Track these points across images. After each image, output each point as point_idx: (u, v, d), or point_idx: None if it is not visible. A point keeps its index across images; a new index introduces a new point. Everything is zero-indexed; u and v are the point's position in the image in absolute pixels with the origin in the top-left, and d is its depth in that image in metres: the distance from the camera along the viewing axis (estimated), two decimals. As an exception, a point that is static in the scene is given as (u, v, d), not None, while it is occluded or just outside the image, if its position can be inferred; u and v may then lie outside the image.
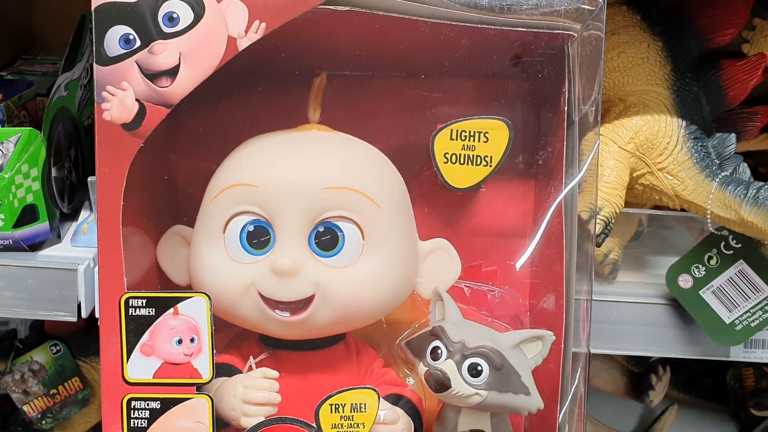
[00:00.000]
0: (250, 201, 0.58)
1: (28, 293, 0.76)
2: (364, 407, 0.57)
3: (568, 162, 0.63)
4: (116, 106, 0.56)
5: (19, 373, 0.93)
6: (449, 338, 0.58)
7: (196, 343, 0.57)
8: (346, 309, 0.59)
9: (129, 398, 0.56)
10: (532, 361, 0.60)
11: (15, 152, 0.72)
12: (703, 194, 0.70)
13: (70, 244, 0.79)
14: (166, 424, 0.56)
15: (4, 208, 0.73)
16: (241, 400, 0.57)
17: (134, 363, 0.56)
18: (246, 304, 0.58)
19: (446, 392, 0.57)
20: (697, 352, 0.77)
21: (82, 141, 0.86)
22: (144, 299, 0.56)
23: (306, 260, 0.58)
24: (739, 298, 0.72)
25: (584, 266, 0.65)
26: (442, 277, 0.63)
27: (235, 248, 0.59)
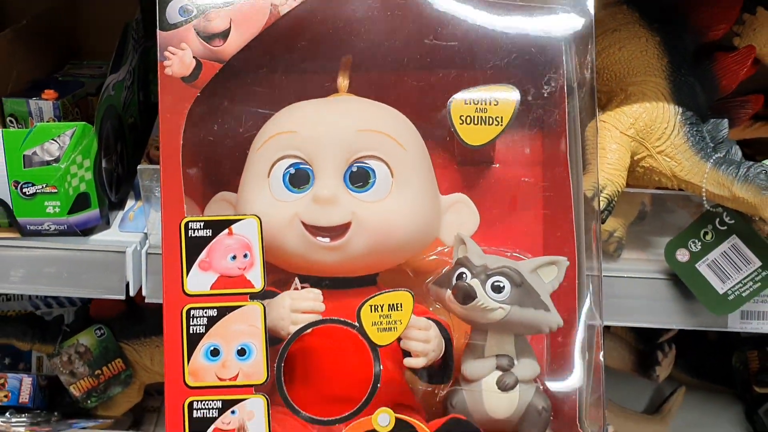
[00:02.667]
0: (291, 146, 0.67)
1: (80, 273, 0.83)
2: (400, 306, 0.63)
3: (571, 131, 0.70)
4: (176, 62, 0.66)
5: (66, 355, 1.00)
6: (473, 263, 0.65)
7: (249, 258, 0.63)
8: (380, 236, 0.66)
9: (188, 308, 0.63)
10: (549, 286, 0.66)
11: (70, 145, 0.80)
12: (699, 174, 0.76)
13: (118, 229, 0.86)
14: (222, 329, 0.63)
15: (60, 195, 0.80)
16: (289, 309, 0.64)
17: (193, 277, 0.63)
18: (290, 234, 0.66)
19: (472, 303, 0.63)
20: (696, 323, 0.83)
21: (126, 137, 0.93)
22: (202, 222, 0.64)
23: (343, 193, 0.66)
24: (732, 270, 0.78)
25: (591, 243, 0.72)
26: (462, 227, 0.70)
27: (279, 189, 0.67)
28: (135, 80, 0.96)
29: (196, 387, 0.62)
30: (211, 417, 0.62)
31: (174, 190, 0.64)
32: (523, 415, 0.65)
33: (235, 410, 0.62)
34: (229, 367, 0.62)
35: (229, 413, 0.62)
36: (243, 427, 0.62)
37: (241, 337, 0.62)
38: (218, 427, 0.62)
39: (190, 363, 0.62)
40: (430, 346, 0.65)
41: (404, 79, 0.74)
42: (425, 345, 0.65)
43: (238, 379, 0.62)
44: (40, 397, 1.03)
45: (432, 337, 0.65)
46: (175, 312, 0.63)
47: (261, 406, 0.62)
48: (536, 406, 0.65)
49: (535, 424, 0.65)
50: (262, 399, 0.62)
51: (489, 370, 0.66)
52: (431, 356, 0.65)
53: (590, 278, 0.71)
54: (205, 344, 0.62)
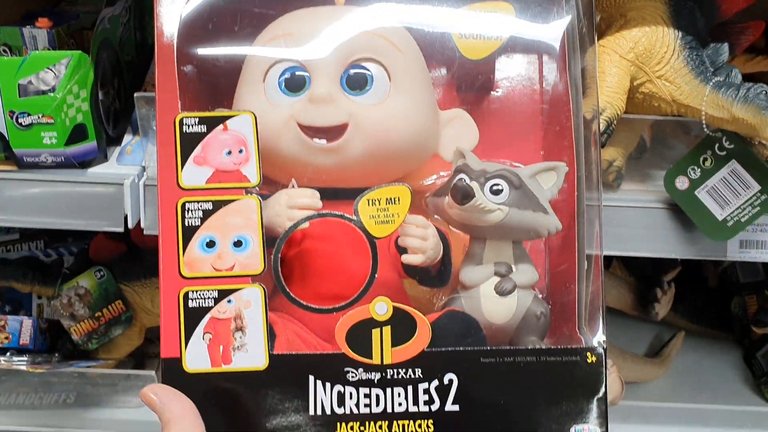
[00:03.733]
0: (287, 50, 0.66)
1: (78, 206, 0.83)
2: (398, 200, 0.63)
3: (570, 57, 0.69)
4: None
5: (66, 298, 1.00)
6: (471, 168, 0.65)
7: (244, 154, 0.63)
8: (378, 139, 0.66)
9: (183, 201, 0.62)
10: (548, 192, 0.66)
11: (66, 74, 0.79)
12: (698, 97, 0.76)
13: (116, 162, 0.86)
14: (218, 221, 0.62)
15: (56, 126, 0.79)
16: (286, 205, 0.64)
17: (188, 172, 0.62)
18: (286, 136, 0.65)
19: (471, 203, 0.63)
20: (695, 253, 0.83)
21: (123, 74, 0.93)
22: (196, 118, 0.63)
23: (340, 94, 0.66)
24: (731, 195, 0.78)
25: (591, 173, 0.71)
26: (461, 142, 0.70)
27: (275, 93, 0.66)
28: (131, 18, 0.95)
29: (192, 277, 0.61)
30: (207, 306, 0.61)
31: (168, 86, 0.64)
32: (521, 321, 0.65)
33: (231, 299, 0.61)
34: (225, 258, 0.62)
35: (225, 302, 0.61)
36: (239, 316, 0.61)
37: (237, 230, 0.62)
38: (214, 316, 0.61)
39: (186, 254, 0.62)
40: (428, 243, 0.65)
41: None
42: (423, 242, 0.65)
43: (235, 269, 0.62)
44: (41, 339, 1.03)
45: (430, 235, 0.65)
46: (170, 206, 0.62)
47: (258, 295, 0.61)
48: (534, 312, 0.65)
49: (534, 330, 0.65)
50: (259, 288, 0.61)
51: (487, 276, 0.66)
52: (429, 254, 0.65)
53: (590, 208, 0.71)
54: (200, 236, 0.62)
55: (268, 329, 0.61)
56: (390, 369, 0.61)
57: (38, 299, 1.11)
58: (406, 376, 0.61)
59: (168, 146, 0.63)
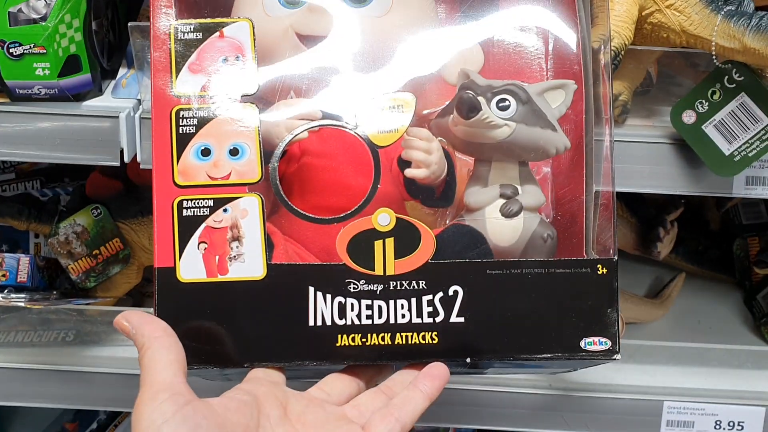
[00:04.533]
0: None
1: (73, 140, 0.81)
2: (402, 108, 0.62)
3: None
4: None
5: (63, 235, 0.99)
6: (477, 84, 0.63)
7: (241, 61, 0.62)
8: (378, 52, 0.64)
9: (177, 109, 0.61)
10: (557, 111, 0.64)
11: (58, 2, 0.77)
12: (709, 27, 0.74)
13: (111, 95, 0.84)
14: (213, 129, 0.60)
15: (48, 57, 0.77)
16: (285, 116, 0.63)
17: (183, 80, 0.61)
18: (284, 46, 0.64)
19: (477, 116, 0.61)
20: (701, 189, 0.82)
21: (118, 5, 0.90)
22: (192, 25, 0.62)
23: (341, 4, 0.64)
24: (739, 129, 0.77)
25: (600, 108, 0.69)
26: (467, 65, 0.68)
27: (273, 6, 0.65)
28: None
29: (186, 186, 0.60)
30: (202, 215, 0.60)
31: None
32: (527, 243, 0.64)
33: (227, 208, 0.60)
34: (220, 167, 0.60)
35: (221, 211, 0.60)
36: (236, 225, 0.59)
37: (233, 137, 0.60)
38: (209, 225, 0.59)
39: (180, 163, 0.60)
40: (432, 157, 0.63)
41: None
42: (427, 155, 0.63)
43: (231, 178, 0.60)
44: (38, 277, 1.03)
45: (434, 149, 0.63)
46: (163, 114, 0.60)
47: (255, 205, 0.60)
48: (541, 234, 0.64)
49: (540, 252, 0.63)
50: (256, 198, 0.60)
51: (493, 198, 0.64)
52: (433, 169, 0.63)
53: (600, 144, 0.69)
54: (195, 144, 0.60)
55: (266, 239, 0.60)
56: (393, 280, 0.60)
57: (35, 238, 1.11)
58: (409, 288, 0.60)
59: (162, 52, 0.61)
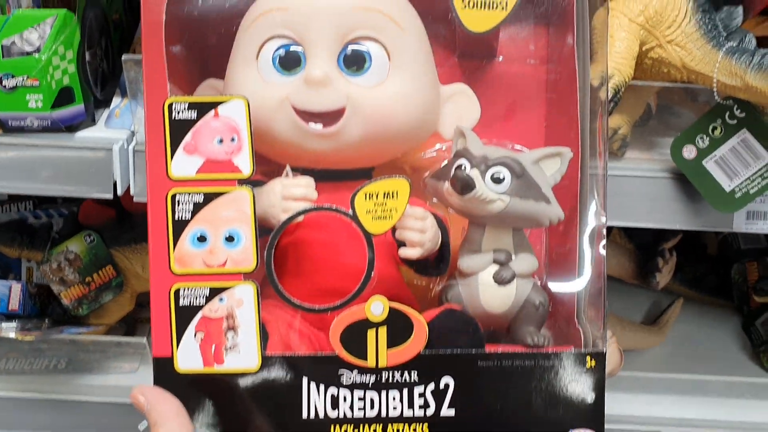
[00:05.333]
0: (281, 25, 0.63)
1: (66, 172, 0.80)
2: (396, 194, 0.61)
3: (578, 22, 0.66)
4: None
5: (56, 262, 0.98)
6: (472, 154, 0.63)
7: (236, 142, 0.60)
8: (376, 122, 0.62)
9: (173, 193, 0.60)
10: (551, 178, 0.63)
11: (51, 34, 0.76)
12: (710, 63, 0.73)
13: (104, 126, 0.83)
14: (209, 215, 0.60)
15: (42, 88, 0.76)
16: (280, 196, 0.62)
17: (178, 161, 0.60)
18: (280, 120, 0.62)
19: (471, 194, 0.61)
20: (701, 224, 0.81)
21: (111, 33, 0.89)
22: (186, 103, 0.60)
23: (337, 76, 0.62)
24: (740, 166, 0.76)
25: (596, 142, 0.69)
26: (462, 119, 0.67)
27: (268, 71, 0.63)
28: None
29: (183, 274, 0.60)
30: (198, 305, 0.59)
31: (157, 69, 0.60)
32: (519, 310, 0.64)
33: (223, 297, 0.60)
34: (216, 254, 0.60)
35: (217, 300, 0.60)
36: (231, 315, 0.59)
37: (229, 223, 0.60)
38: (206, 315, 0.60)
39: (176, 249, 0.59)
40: (427, 236, 0.62)
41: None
42: (421, 235, 0.62)
43: (227, 265, 0.60)
44: (30, 304, 1.01)
45: (428, 227, 0.63)
46: (159, 197, 0.60)
47: (250, 294, 0.60)
48: (533, 301, 0.63)
49: (532, 319, 0.63)
50: (251, 286, 0.60)
51: (486, 263, 0.64)
52: (427, 246, 0.63)
53: (594, 177, 0.69)
54: (191, 230, 0.60)
55: (261, 329, 0.60)
56: (385, 372, 0.60)
57: (28, 262, 1.09)
58: (401, 380, 0.60)
59: (157, 133, 0.60)
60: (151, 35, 0.61)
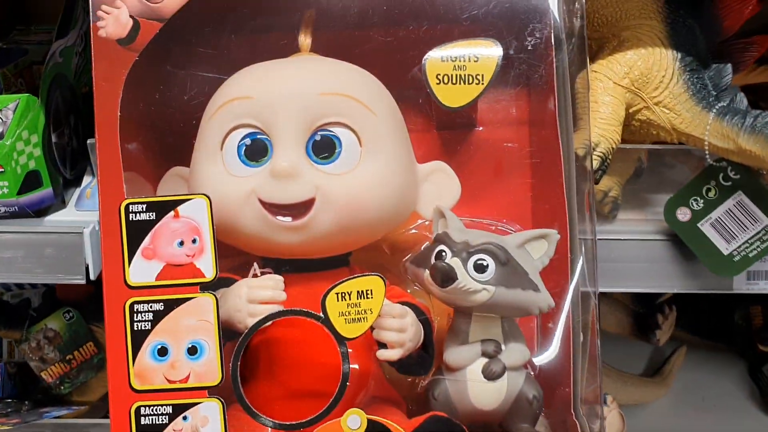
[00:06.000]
0: (246, 114, 0.60)
1: (35, 258, 0.77)
2: (371, 293, 0.57)
3: (560, 88, 0.63)
4: (111, 22, 0.60)
5: (35, 341, 0.95)
6: (453, 240, 0.59)
7: (198, 244, 0.57)
8: (348, 212, 0.59)
9: (131, 302, 0.57)
10: (539, 262, 0.60)
11: (14, 119, 0.73)
12: (701, 126, 0.70)
13: (74, 208, 0.80)
14: (170, 324, 0.57)
15: (7, 175, 0.73)
16: (246, 299, 0.58)
17: (136, 267, 0.57)
18: (247, 213, 0.59)
19: (452, 286, 0.57)
20: (699, 286, 0.78)
21: (81, 108, 0.86)
22: (144, 204, 0.57)
23: (305, 166, 0.59)
24: (738, 229, 0.73)
25: (583, 205, 0.66)
26: (442, 198, 0.64)
27: (234, 162, 0.60)
28: (87, 45, 0.88)
29: (143, 390, 0.56)
30: (161, 423, 0.56)
31: (111, 168, 0.58)
32: (512, 406, 0.60)
33: (187, 416, 0.56)
34: (178, 368, 0.56)
35: (181, 419, 0.56)
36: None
37: (191, 334, 0.57)
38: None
39: (136, 364, 0.56)
40: (407, 335, 0.59)
41: (371, 34, 0.67)
42: (401, 335, 0.59)
43: (190, 380, 0.56)
44: (10, 385, 0.98)
45: (408, 325, 0.59)
46: (117, 306, 0.57)
47: (216, 411, 0.56)
48: (526, 395, 0.60)
49: (526, 415, 0.59)
50: (216, 403, 0.56)
51: (474, 357, 0.60)
52: (408, 346, 0.59)
53: (583, 242, 0.66)
54: (151, 342, 0.57)
55: None
56: None
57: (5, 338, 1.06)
58: None
59: (113, 238, 0.57)
60: (106, 134, 0.58)
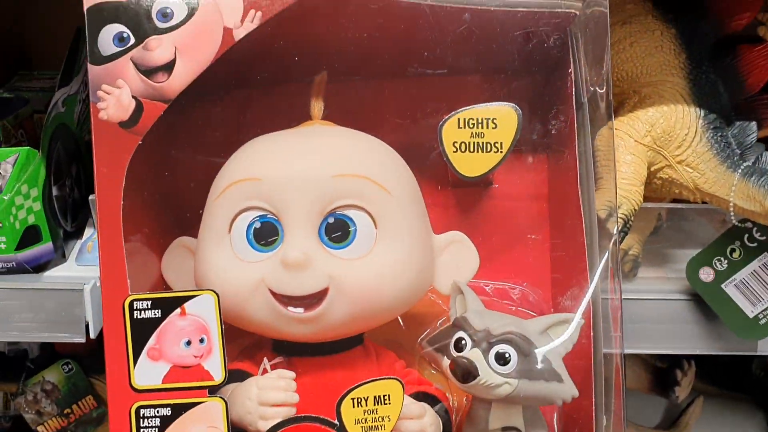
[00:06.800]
0: (255, 196, 0.57)
1: (34, 315, 0.74)
2: (388, 399, 0.54)
3: (581, 148, 0.61)
4: (113, 104, 0.56)
5: (31, 394, 0.93)
6: (473, 327, 0.56)
7: (206, 344, 0.55)
8: (363, 301, 0.56)
9: (138, 406, 0.54)
10: (562, 348, 0.57)
11: (13, 173, 0.71)
12: (726, 186, 0.67)
13: (75, 263, 0.77)
14: (178, 430, 0.54)
15: (5, 230, 0.71)
16: (257, 402, 0.55)
17: (141, 369, 0.54)
18: (256, 303, 0.56)
19: (474, 382, 0.54)
20: (722, 348, 0.75)
21: (83, 157, 0.84)
22: (149, 301, 0.55)
23: (317, 252, 0.56)
24: (763, 291, 0.70)
25: (607, 267, 0.63)
26: (460, 271, 0.61)
27: (242, 247, 0.57)
28: (91, 92, 0.87)
29: None
30: None
31: (115, 263, 0.55)
32: None
33: None
34: None
35: None
36: None
37: None
38: None
39: None
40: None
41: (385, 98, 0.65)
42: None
43: None
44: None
45: (427, 426, 0.56)
46: (122, 411, 0.54)
47: None
48: None
49: None
50: None
51: None
52: None
53: (607, 302, 0.63)
54: None
55: None
56: None
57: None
58: None
59: (117, 337, 0.54)
60: (108, 224, 0.55)
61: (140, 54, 0.56)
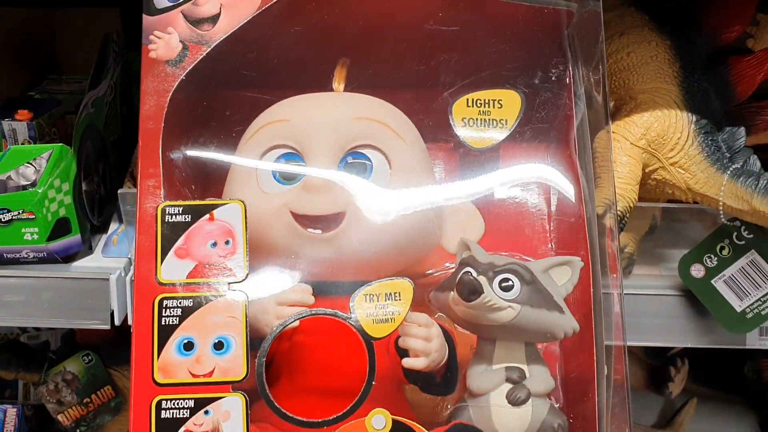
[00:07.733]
0: (282, 136, 0.63)
1: (62, 303, 0.78)
2: (399, 296, 0.58)
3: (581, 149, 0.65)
4: (162, 45, 0.64)
5: (53, 384, 0.96)
6: (478, 261, 0.60)
7: (231, 246, 0.58)
8: (377, 230, 0.61)
9: (161, 298, 0.57)
10: (563, 289, 0.61)
11: (47, 168, 0.75)
12: (715, 186, 0.72)
13: (101, 255, 0.82)
14: (198, 321, 0.57)
15: (38, 221, 0.75)
16: (274, 301, 0.59)
17: (168, 265, 0.58)
18: (278, 225, 0.61)
19: (478, 300, 0.57)
20: (712, 341, 0.79)
21: (109, 156, 0.88)
22: (180, 207, 0.59)
23: (337, 182, 0.62)
24: (750, 287, 0.74)
25: (605, 262, 0.67)
26: (466, 233, 0.66)
27: (268, 181, 0.63)
28: (117, 94, 0.91)
29: (166, 384, 0.56)
30: (182, 417, 0.55)
31: (152, 171, 0.60)
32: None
33: (209, 410, 0.56)
34: (204, 362, 0.56)
35: (202, 414, 0.55)
36: (217, 429, 0.55)
37: (218, 330, 0.57)
38: (189, 429, 0.55)
39: (161, 358, 0.56)
40: (432, 345, 0.59)
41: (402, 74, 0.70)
42: (426, 343, 0.59)
43: (214, 375, 0.56)
44: (26, 428, 0.99)
45: (434, 335, 0.59)
46: (146, 302, 0.57)
47: (238, 406, 0.56)
48: (551, 424, 0.59)
49: None
50: (239, 398, 0.56)
51: (498, 382, 0.60)
52: (433, 357, 0.59)
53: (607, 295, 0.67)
54: (177, 337, 0.57)
55: None
56: None
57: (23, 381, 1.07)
58: None
59: (148, 236, 0.58)
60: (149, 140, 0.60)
61: (190, 8, 0.65)
